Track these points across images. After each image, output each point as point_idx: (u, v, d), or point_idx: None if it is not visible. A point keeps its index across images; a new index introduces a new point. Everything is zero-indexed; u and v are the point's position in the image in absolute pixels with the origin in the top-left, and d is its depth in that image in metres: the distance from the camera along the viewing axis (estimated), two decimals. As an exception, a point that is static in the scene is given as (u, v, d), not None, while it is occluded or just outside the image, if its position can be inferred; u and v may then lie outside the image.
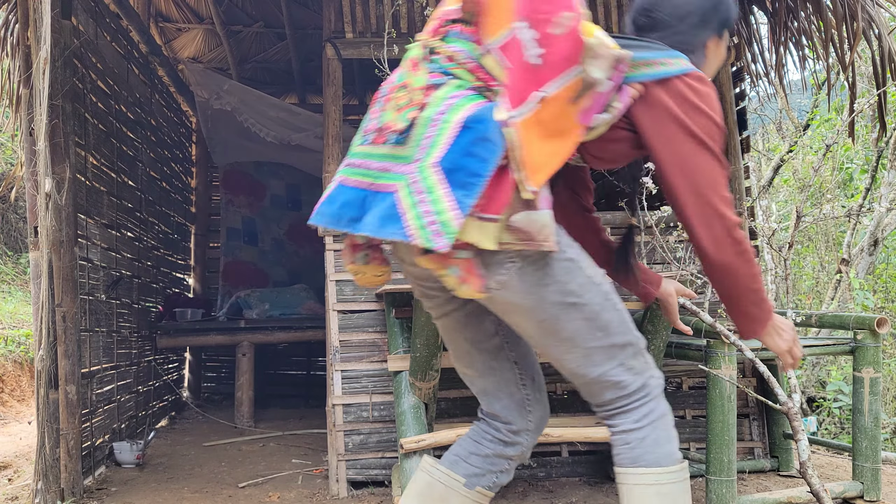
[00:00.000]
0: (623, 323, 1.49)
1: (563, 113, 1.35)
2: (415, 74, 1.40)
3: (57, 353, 2.91)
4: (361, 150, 1.42)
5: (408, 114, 1.35)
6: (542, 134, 1.33)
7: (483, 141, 1.30)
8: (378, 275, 1.53)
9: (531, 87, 1.33)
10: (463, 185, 1.27)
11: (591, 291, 1.45)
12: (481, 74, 1.39)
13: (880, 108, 3.51)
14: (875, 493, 2.68)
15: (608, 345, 1.47)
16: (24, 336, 6.45)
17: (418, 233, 1.25)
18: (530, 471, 3.17)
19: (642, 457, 1.46)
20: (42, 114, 2.74)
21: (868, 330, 2.68)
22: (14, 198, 5.08)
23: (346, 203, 1.37)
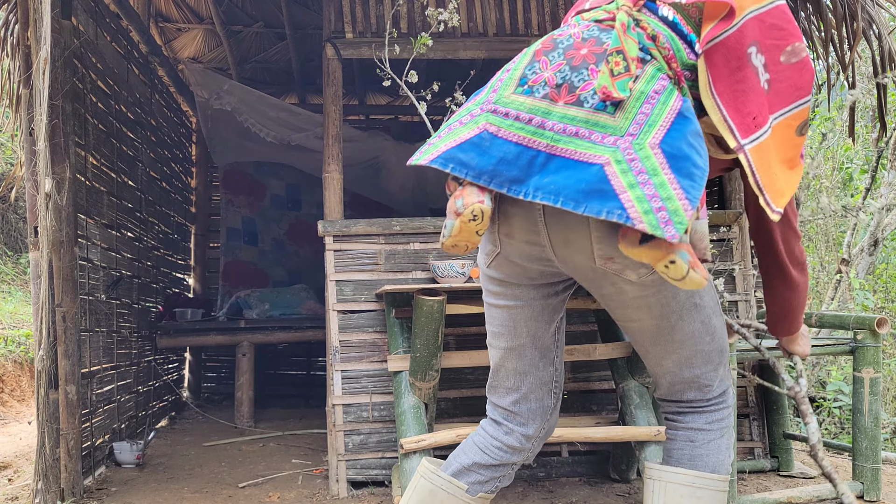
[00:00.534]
0: (724, 329, 1.51)
1: (791, 142, 1.35)
2: (629, 40, 1.28)
3: (57, 353, 2.91)
4: (524, 102, 1.27)
5: (627, 83, 1.24)
6: (776, 160, 1.34)
7: (699, 135, 1.23)
8: (480, 233, 1.32)
9: (765, 113, 1.31)
10: (690, 176, 1.17)
11: (710, 294, 1.46)
12: (675, 66, 1.32)
13: (880, 107, 3.51)
14: (875, 493, 2.68)
15: (711, 349, 1.47)
16: (24, 336, 6.45)
17: (644, 217, 1.13)
18: (530, 471, 3.17)
19: (702, 457, 1.47)
20: (42, 114, 2.74)
21: (868, 330, 2.68)
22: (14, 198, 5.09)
23: (505, 159, 1.23)
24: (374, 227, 3.14)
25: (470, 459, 1.59)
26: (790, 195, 1.34)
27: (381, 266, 3.14)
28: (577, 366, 3.27)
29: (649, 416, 2.74)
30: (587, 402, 3.28)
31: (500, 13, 3.42)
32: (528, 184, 1.21)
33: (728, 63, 1.31)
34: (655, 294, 1.37)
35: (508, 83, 1.32)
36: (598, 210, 1.16)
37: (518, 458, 1.61)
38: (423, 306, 2.49)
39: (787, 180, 1.34)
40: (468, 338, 3.23)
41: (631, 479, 3.10)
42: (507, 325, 1.55)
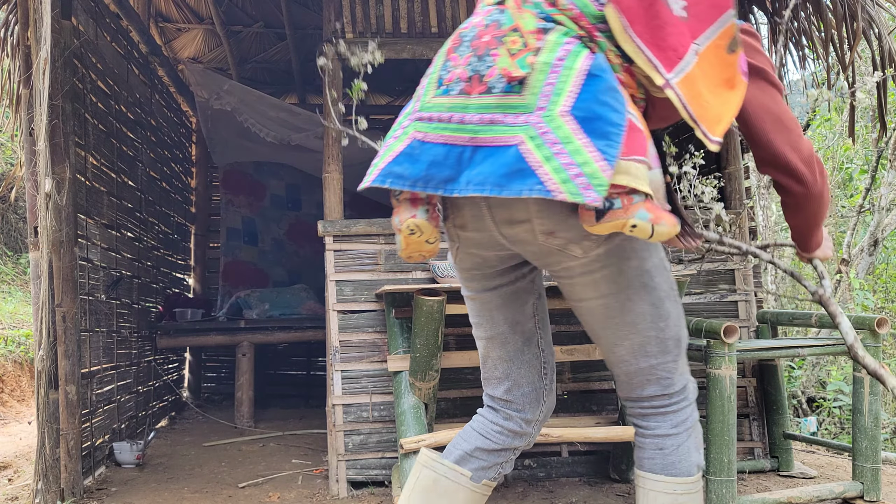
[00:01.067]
0: (681, 318, 1.47)
1: (723, 63, 1.30)
2: (522, 16, 1.28)
3: (57, 354, 2.91)
4: (444, 102, 1.29)
5: (526, 59, 1.23)
6: (709, 85, 1.28)
7: (613, 90, 1.21)
8: (430, 241, 1.38)
9: (687, 43, 1.26)
10: (604, 135, 1.17)
11: (662, 276, 1.43)
12: (585, 23, 1.29)
13: (880, 107, 3.51)
14: (875, 493, 2.68)
15: (666, 337, 1.44)
16: (24, 336, 6.45)
17: (562, 187, 1.14)
18: (530, 471, 3.17)
19: (674, 465, 1.44)
20: (42, 114, 2.74)
21: (868, 330, 2.68)
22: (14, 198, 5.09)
23: (434, 162, 1.25)
24: (374, 227, 3.14)
25: (472, 445, 1.59)
26: (729, 117, 1.29)
27: (381, 266, 3.14)
28: (577, 366, 3.27)
29: (649, 416, 2.74)
30: (587, 402, 3.28)
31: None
32: (460, 180, 1.23)
33: (640, 2, 1.27)
34: (601, 269, 1.37)
35: (429, 88, 1.34)
36: (519, 190, 1.17)
37: (520, 443, 1.60)
38: (422, 306, 2.49)
39: (725, 103, 1.29)
40: (468, 338, 3.23)
41: (631, 479, 3.09)
42: (483, 315, 1.58)
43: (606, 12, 1.28)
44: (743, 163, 3.55)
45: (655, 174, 1.31)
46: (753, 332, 3.32)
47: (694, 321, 2.68)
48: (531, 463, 3.17)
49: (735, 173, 3.48)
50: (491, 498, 2.91)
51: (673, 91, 1.24)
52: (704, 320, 2.64)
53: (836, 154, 8.10)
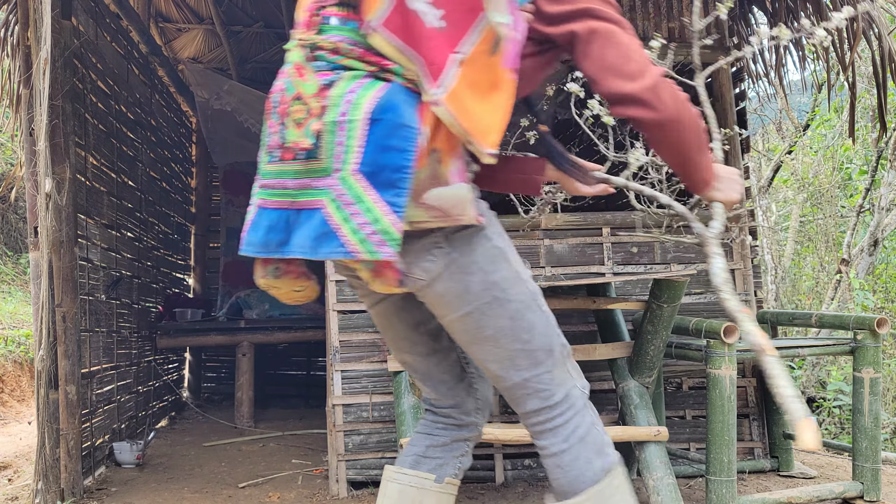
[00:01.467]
0: (549, 326, 1.43)
1: (487, 66, 1.26)
2: (304, 81, 1.29)
3: (57, 354, 2.91)
4: (272, 169, 1.32)
5: (310, 126, 1.25)
6: (476, 95, 1.25)
7: (397, 129, 1.21)
8: (297, 289, 1.42)
9: (446, 53, 1.24)
10: (391, 185, 1.20)
11: (516, 287, 1.38)
12: (373, 58, 1.28)
13: (880, 108, 3.51)
14: (875, 494, 2.68)
15: (533, 349, 1.40)
16: (24, 336, 6.45)
17: (360, 247, 1.19)
18: (530, 471, 3.17)
19: (578, 479, 1.38)
20: (42, 114, 2.74)
21: (868, 330, 2.68)
22: (14, 198, 5.08)
23: (271, 227, 1.30)
24: (374, 227, 3.13)
25: (423, 445, 1.59)
26: (501, 124, 1.26)
27: (381, 266, 3.14)
28: (577, 366, 3.27)
29: (649, 416, 2.74)
30: (587, 402, 3.27)
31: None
32: (291, 242, 1.27)
33: (400, 19, 1.26)
34: (447, 288, 1.36)
35: (263, 153, 1.37)
36: (327, 253, 1.22)
37: (468, 434, 1.60)
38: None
39: (494, 110, 1.26)
40: (468, 338, 3.23)
41: (631, 479, 3.09)
42: (384, 324, 1.59)
43: (374, 42, 1.27)
44: (743, 163, 3.55)
45: (456, 189, 1.28)
46: (753, 332, 3.31)
47: (694, 321, 2.68)
48: (531, 463, 3.17)
49: (735, 173, 3.48)
50: (491, 498, 2.91)
51: (442, 108, 1.23)
52: (704, 320, 2.64)
53: (835, 154, 8.10)
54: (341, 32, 1.31)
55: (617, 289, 3.23)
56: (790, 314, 3.32)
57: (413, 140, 1.22)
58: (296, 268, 1.41)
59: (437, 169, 1.27)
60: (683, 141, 1.36)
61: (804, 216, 9.01)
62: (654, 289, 2.68)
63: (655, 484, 2.56)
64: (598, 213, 3.28)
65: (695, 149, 1.38)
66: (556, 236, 3.25)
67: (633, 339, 2.88)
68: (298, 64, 1.30)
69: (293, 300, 1.47)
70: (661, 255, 3.30)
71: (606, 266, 3.25)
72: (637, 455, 2.69)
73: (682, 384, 3.37)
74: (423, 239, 1.31)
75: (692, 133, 1.35)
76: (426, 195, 1.26)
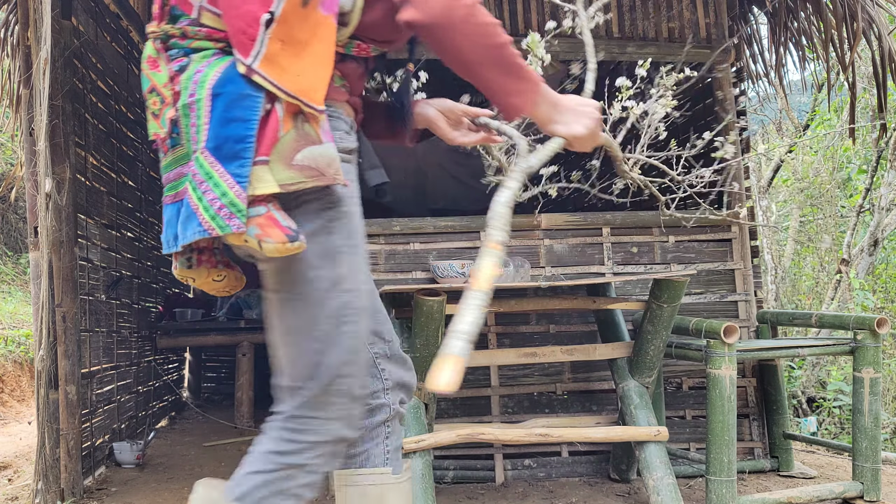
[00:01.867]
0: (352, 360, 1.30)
1: (302, 18, 1.22)
2: (157, 72, 1.29)
3: (57, 354, 2.91)
4: (162, 164, 1.33)
5: (165, 116, 1.26)
6: (293, 53, 1.22)
7: (239, 100, 1.20)
8: (216, 279, 1.38)
9: (256, 17, 1.20)
10: (234, 157, 1.18)
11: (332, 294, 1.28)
12: (219, 34, 1.25)
13: (880, 108, 3.51)
14: (875, 493, 2.68)
15: (319, 362, 1.28)
16: (24, 336, 6.45)
17: (213, 223, 1.17)
18: (530, 471, 3.17)
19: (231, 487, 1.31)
20: (42, 114, 2.74)
21: (868, 330, 2.68)
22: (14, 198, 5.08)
23: (168, 222, 1.30)
24: (374, 227, 3.14)
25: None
26: (323, 77, 1.23)
27: (381, 266, 3.14)
28: (576, 366, 3.27)
29: (649, 417, 2.74)
30: (587, 402, 3.28)
31: (499, 13, 3.41)
32: (183, 234, 1.25)
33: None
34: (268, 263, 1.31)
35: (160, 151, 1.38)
36: (191, 235, 1.21)
37: (382, 417, 1.49)
38: (423, 306, 2.49)
39: (313, 64, 1.23)
40: (468, 338, 3.23)
41: (631, 479, 3.10)
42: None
43: (206, 20, 1.26)
44: (743, 163, 3.55)
45: (327, 148, 1.23)
46: (753, 332, 3.32)
47: (694, 321, 2.68)
48: (531, 463, 3.17)
49: (735, 173, 3.48)
50: (491, 498, 2.91)
51: (259, 75, 1.20)
52: (704, 320, 2.64)
53: (835, 154, 8.10)
54: (185, 17, 1.29)
55: (617, 289, 3.23)
56: (790, 314, 3.32)
57: (256, 108, 1.20)
58: (210, 257, 1.38)
59: (305, 129, 1.23)
60: (462, 50, 1.25)
61: (804, 216, 9.01)
62: (654, 289, 2.68)
63: (655, 484, 2.56)
64: (598, 213, 3.28)
65: (484, 64, 1.26)
66: (556, 236, 3.25)
67: (633, 339, 2.88)
68: (151, 57, 1.30)
69: (216, 290, 1.42)
70: (661, 255, 3.30)
71: (606, 266, 3.25)
72: (637, 455, 2.69)
73: (682, 384, 3.37)
74: (302, 206, 1.26)
75: (472, 43, 1.24)
76: (298, 156, 1.21)
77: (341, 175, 1.24)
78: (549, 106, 1.33)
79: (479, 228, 3.20)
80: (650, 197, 2.86)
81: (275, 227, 1.19)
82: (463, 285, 2.72)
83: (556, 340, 3.26)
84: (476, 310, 1.07)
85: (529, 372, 3.25)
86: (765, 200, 8.21)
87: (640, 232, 3.29)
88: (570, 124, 1.34)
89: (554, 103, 1.33)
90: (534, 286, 2.88)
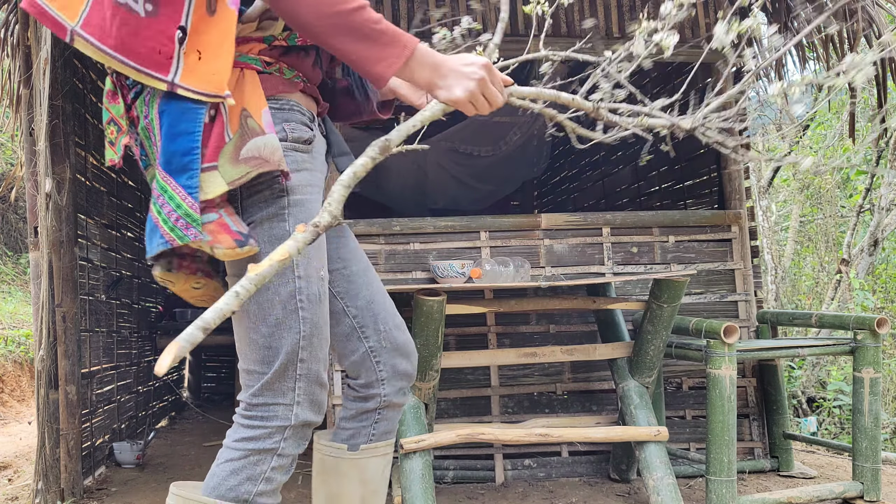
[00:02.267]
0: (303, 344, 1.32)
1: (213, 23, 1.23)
2: (115, 104, 1.36)
3: (57, 354, 2.91)
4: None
5: (121, 142, 1.35)
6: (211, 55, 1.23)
7: (181, 114, 1.23)
8: (195, 286, 1.40)
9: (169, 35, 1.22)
10: (182, 169, 1.23)
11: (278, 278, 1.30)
12: None
13: (880, 108, 3.51)
14: (875, 494, 2.68)
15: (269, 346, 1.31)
16: (24, 336, 6.45)
17: (172, 234, 1.23)
18: (530, 471, 3.17)
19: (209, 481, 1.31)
20: (42, 114, 2.74)
21: (868, 330, 2.68)
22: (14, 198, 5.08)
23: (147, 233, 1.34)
24: (374, 227, 3.14)
25: (339, 418, 1.64)
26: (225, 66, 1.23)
27: (381, 266, 3.14)
28: (576, 366, 3.27)
29: (649, 417, 2.74)
30: (587, 402, 3.28)
31: (499, 13, 3.42)
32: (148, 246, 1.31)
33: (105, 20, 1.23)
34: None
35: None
36: (154, 248, 1.26)
37: (373, 405, 1.58)
38: (423, 306, 2.49)
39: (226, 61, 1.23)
40: (468, 338, 3.23)
41: (631, 479, 3.10)
42: None
43: (79, 46, 1.25)
44: (743, 163, 3.55)
45: (268, 139, 1.25)
46: (753, 332, 3.32)
47: (694, 321, 2.68)
48: (531, 463, 3.17)
49: (735, 173, 3.48)
50: (491, 498, 2.91)
51: (181, 88, 1.23)
52: (704, 320, 2.64)
53: (835, 154, 8.10)
54: None
55: (617, 289, 3.23)
56: (790, 314, 3.32)
57: (198, 120, 1.24)
58: (191, 264, 1.40)
59: (248, 125, 1.26)
60: (308, 21, 1.22)
61: (804, 216, 9.01)
62: (654, 289, 2.68)
63: (655, 484, 2.56)
64: (598, 213, 3.28)
65: (332, 33, 1.22)
66: (556, 236, 3.25)
67: (633, 339, 2.88)
68: (109, 91, 1.36)
69: (194, 298, 1.44)
70: (661, 256, 3.30)
71: (606, 266, 3.25)
72: (637, 455, 2.69)
73: (682, 384, 3.37)
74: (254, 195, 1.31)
75: (316, 12, 1.21)
76: (243, 150, 1.25)
77: (284, 163, 1.27)
78: (429, 70, 1.27)
79: (480, 228, 3.20)
80: (650, 196, 2.86)
81: (224, 234, 1.24)
82: (464, 285, 2.73)
83: (556, 340, 3.26)
84: (229, 301, 1.06)
85: (529, 372, 3.25)
86: (765, 200, 8.21)
87: (640, 232, 3.29)
88: (452, 88, 1.27)
89: (435, 66, 1.26)
90: (534, 286, 2.88)
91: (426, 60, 1.26)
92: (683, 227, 3.32)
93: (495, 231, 3.21)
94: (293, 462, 1.35)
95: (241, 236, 1.25)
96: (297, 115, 1.37)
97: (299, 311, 1.32)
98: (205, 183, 1.23)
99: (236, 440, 1.32)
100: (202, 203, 1.23)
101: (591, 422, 2.98)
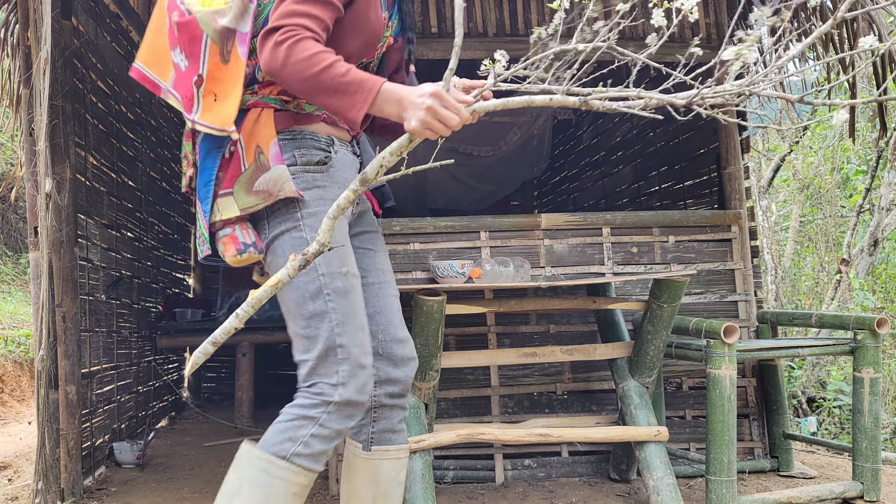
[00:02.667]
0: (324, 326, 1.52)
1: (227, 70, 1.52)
2: (188, 142, 1.66)
3: (57, 354, 2.91)
4: None
5: (187, 174, 1.66)
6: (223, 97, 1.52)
7: (208, 153, 1.57)
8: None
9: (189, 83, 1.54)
10: (204, 199, 1.56)
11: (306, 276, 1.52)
12: None
13: (880, 108, 3.51)
14: (875, 494, 2.68)
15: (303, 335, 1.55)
16: (24, 336, 6.45)
17: (199, 250, 1.61)
18: (530, 471, 3.17)
19: (269, 439, 1.52)
20: (42, 114, 2.74)
21: (868, 330, 2.68)
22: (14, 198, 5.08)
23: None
24: (374, 227, 3.13)
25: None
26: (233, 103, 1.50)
27: (381, 266, 3.13)
28: (576, 366, 3.27)
29: (649, 416, 2.74)
30: (587, 402, 3.28)
31: (500, 13, 3.42)
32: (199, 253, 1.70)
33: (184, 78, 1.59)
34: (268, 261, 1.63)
35: None
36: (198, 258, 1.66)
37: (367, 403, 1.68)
38: (422, 306, 2.49)
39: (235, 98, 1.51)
40: (468, 338, 3.24)
41: (631, 479, 3.10)
42: None
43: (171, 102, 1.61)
44: (743, 163, 3.55)
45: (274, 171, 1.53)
46: (753, 332, 3.32)
47: (694, 321, 2.68)
48: (531, 463, 3.17)
49: (735, 173, 3.48)
50: (491, 498, 2.91)
51: (198, 124, 1.53)
52: (704, 320, 2.64)
53: (835, 154, 8.10)
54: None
55: (617, 289, 3.23)
56: (790, 314, 3.32)
57: (217, 155, 1.57)
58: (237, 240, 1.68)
59: (260, 160, 1.53)
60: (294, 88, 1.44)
61: (804, 216, 9.01)
62: (654, 289, 2.68)
63: (655, 484, 2.56)
64: (599, 213, 3.28)
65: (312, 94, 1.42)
66: (556, 236, 3.25)
67: (633, 339, 2.88)
68: (187, 132, 1.66)
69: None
70: (661, 256, 3.30)
71: (606, 266, 3.25)
72: (637, 455, 2.69)
73: (682, 384, 3.37)
74: (260, 221, 1.59)
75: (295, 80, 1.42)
76: (256, 183, 1.53)
77: (285, 190, 1.52)
78: (394, 105, 1.37)
79: (479, 228, 3.20)
80: (650, 196, 2.86)
81: (231, 244, 1.55)
82: (464, 285, 2.72)
83: (556, 340, 3.26)
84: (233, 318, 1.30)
85: (529, 372, 3.25)
86: (765, 200, 8.21)
87: (640, 232, 3.29)
88: (409, 119, 1.34)
89: (398, 100, 1.36)
90: (534, 286, 2.88)
91: (391, 97, 1.37)
92: (683, 227, 3.32)
93: (495, 231, 3.21)
94: (336, 436, 1.52)
95: (242, 245, 1.55)
96: (309, 141, 1.60)
97: (328, 304, 1.53)
98: (222, 206, 1.55)
99: (289, 408, 1.55)
100: (221, 221, 1.55)
101: (591, 422, 2.98)
